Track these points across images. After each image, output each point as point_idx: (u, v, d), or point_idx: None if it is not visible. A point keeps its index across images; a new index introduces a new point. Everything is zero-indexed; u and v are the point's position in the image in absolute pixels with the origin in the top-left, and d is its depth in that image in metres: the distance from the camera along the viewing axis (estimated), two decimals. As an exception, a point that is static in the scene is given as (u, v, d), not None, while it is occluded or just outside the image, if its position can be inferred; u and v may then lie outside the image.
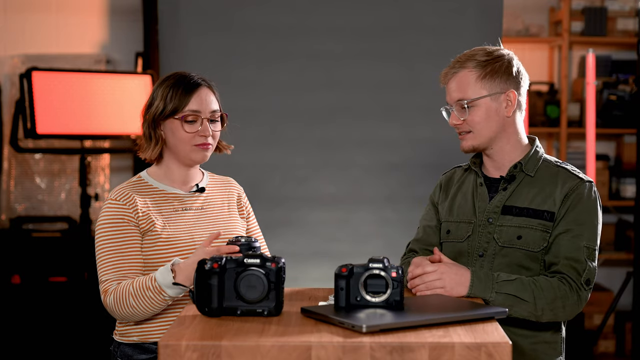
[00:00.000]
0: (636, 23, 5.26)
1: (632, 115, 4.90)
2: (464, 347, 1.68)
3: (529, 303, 2.18)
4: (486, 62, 2.31)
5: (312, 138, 4.44)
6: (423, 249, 2.48)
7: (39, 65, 4.92)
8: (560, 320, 2.26)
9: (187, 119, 2.33)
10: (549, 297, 2.19)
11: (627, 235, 5.34)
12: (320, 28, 4.43)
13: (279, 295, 1.90)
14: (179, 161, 2.40)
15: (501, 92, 2.31)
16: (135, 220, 2.30)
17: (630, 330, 5.14)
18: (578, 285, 2.22)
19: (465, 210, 2.39)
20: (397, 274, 1.91)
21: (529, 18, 5.44)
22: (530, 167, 2.34)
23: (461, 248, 2.37)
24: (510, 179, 2.34)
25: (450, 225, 2.42)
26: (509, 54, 2.36)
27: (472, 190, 2.41)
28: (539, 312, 2.19)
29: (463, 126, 2.33)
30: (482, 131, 2.32)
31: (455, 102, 2.34)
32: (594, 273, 2.26)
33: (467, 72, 2.31)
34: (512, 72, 2.32)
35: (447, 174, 2.54)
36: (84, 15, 5.21)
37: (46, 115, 4.47)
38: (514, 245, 2.29)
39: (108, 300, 2.23)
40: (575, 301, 2.22)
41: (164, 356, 1.69)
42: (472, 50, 2.37)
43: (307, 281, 4.28)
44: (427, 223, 2.50)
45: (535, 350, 2.31)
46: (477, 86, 2.30)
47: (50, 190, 5.20)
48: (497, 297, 2.17)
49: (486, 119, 2.31)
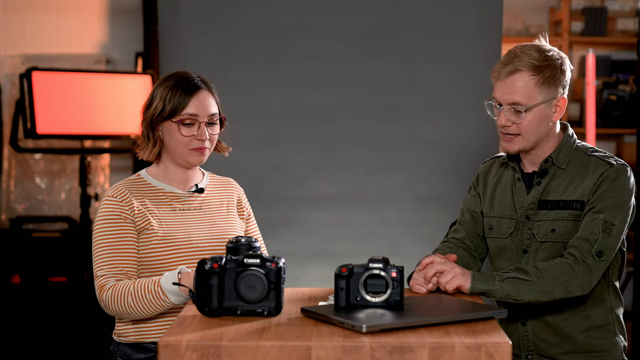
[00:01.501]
0: (636, 23, 5.26)
1: (632, 115, 4.90)
2: (464, 347, 1.68)
3: (533, 282, 2.17)
4: (542, 67, 2.26)
5: (312, 138, 4.44)
6: (472, 232, 2.47)
7: (39, 65, 4.92)
8: (577, 293, 2.21)
9: (184, 122, 2.33)
10: (552, 273, 2.18)
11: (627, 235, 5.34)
12: (320, 28, 4.43)
13: (279, 295, 1.90)
14: (176, 162, 2.40)
15: (554, 98, 2.30)
16: (132, 217, 2.31)
17: (630, 330, 5.14)
18: (585, 256, 2.20)
19: (506, 205, 2.39)
20: (397, 274, 1.92)
21: (529, 18, 5.44)
22: (561, 160, 2.33)
23: (504, 244, 2.39)
24: (542, 173, 2.34)
25: (492, 221, 2.42)
26: (562, 57, 2.32)
27: (510, 185, 2.41)
28: (547, 289, 2.17)
29: (512, 129, 2.30)
30: (531, 136, 2.30)
31: (509, 104, 2.29)
32: (610, 246, 2.23)
33: (527, 77, 2.26)
34: (566, 77, 2.31)
35: (485, 164, 2.54)
36: (84, 15, 5.21)
37: (46, 115, 4.47)
38: (549, 239, 2.30)
39: (104, 296, 2.24)
40: (583, 271, 2.19)
41: (164, 356, 1.69)
42: (525, 46, 2.30)
43: (307, 281, 4.28)
44: (473, 209, 2.49)
45: (589, 337, 2.32)
46: (534, 92, 2.27)
47: (50, 190, 5.20)
48: (500, 285, 2.16)
49: (537, 125, 2.29)
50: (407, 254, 4.20)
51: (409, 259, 2.69)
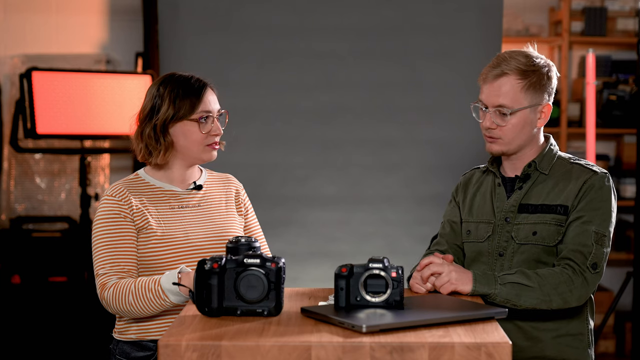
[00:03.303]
0: (636, 23, 5.26)
1: (632, 115, 4.90)
2: (464, 347, 1.68)
3: (535, 288, 2.18)
4: (529, 72, 2.30)
5: (312, 138, 4.44)
6: (452, 244, 2.49)
7: (39, 65, 4.92)
8: (572, 304, 2.23)
9: (202, 119, 2.35)
10: (552, 282, 2.20)
11: (627, 235, 5.34)
12: (319, 28, 4.43)
13: (279, 295, 1.90)
14: (184, 161, 2.41)
15: (539, 104, 2.33)
16: (131, 216, 2.32)
17: (630, 330, 5.14)
18: (582, 268, 2.23)
19: (485, 210, 2.41)
20: (397, 274, 1.92)
21: (529, 18, 5.44)
22: (544, 166, 2.36)
23: (481, 248, 2.39)
24: (525, 178, 2.37)
25: (470, 226, 2.44)
26: (549, 64, 2.36)
27: (490, 190, 2.43)
28: (547, 297, 2.19)
29: (495, 132, 2.34)
30: (514, 140, 2.34)
31: (495, 107, 2.32)
32: (603, 257, 2.26)
33: (514, 80, 2.30)
34: (552, 85, 2.35)
35: (466, 175, 2.57)
36: (84, 15, 5.21)
37: (46, 115, 4.47)
38: (530, 241, 2.31)
39: (106, 294, 2.24)
40: (581, 283, 2.21)
41: (164, 356, 1.69)
42: (513, 52, 2.35)
43: (307, 281, 4.28)
44: (452, 219, 2.52)
45: (560, 344, 2.31)
46: (520, 96, 2.31)
47: (50, 190, 5.20)
48: (502, 289, 2.18)
49: (521, 129, 2.33)
50: (406, 254, 4.20)
51: (408, 259, 2.69)
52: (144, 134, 2.37)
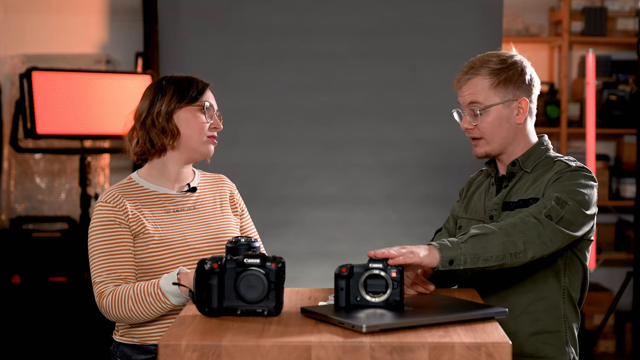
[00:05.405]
0: (636, 23, 5.26)
1: (632, 115, 4.90)
2: (464, 347, 1.68)
3: (496, 232, 2.09)
4: (500, 70, 2.33)
5: (312, 138, 4.44)
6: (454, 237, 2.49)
7: (39, 65, 4.92)
8: (549, 250, 2.14)
9: (205, 107, 2.37)
10: (510, 222, 2.12)
11: (627, 235, 5.34)
12: (319, 28, 4.43)
13: (279, 295, 1.90)
14: (182, 155, 2.39)
15: (513, 99, 2.34)
16: (126, 222, 2.30)
17: (630, 330, 5.14)
18: (535, 214, 2.14)
19: (477, 208, 2.44)
20: (397, 274, 1.92)
21: (529, 18, 5.44)
22: (528, 164, 2.37)
23: None
24: (510, 176, 2.39)
25: (463, 222, 2.47)
26: (522, 61, 2.38)
27: (485, 189, 2.46)
28: (510, 238, 2.08)
29: (474, 132, 2.37)
30: (493, 138, 2.35)
31: (467, 106, 2.36)
32: (560, 213, 2.16)
33: (481, 79, 2.33)
34: (525, 80, 2.36)
35: (473, 176, 2.60)
36: (84, 15, 5.21)
37: (46, 115, 4.48)
38: None
39: (104, 302, 2.23)
40: (534, 224, 2.12)
41: (164, 356, 1.69)
42: (485, 55, 2.39)
43: (307, 281, 4.28)
44: (455, 215, 2.56)
45: (536, 341, 2.29)
46: (490, 93, 2.33)
47: (50, 190, 5.20)
48: (465, 246, 2.05)
49: (497, 126, 2.34)
50: (407, 254, 4.20)
51: (408, 259, 2.68)
52: (146, 124, 2.36)
